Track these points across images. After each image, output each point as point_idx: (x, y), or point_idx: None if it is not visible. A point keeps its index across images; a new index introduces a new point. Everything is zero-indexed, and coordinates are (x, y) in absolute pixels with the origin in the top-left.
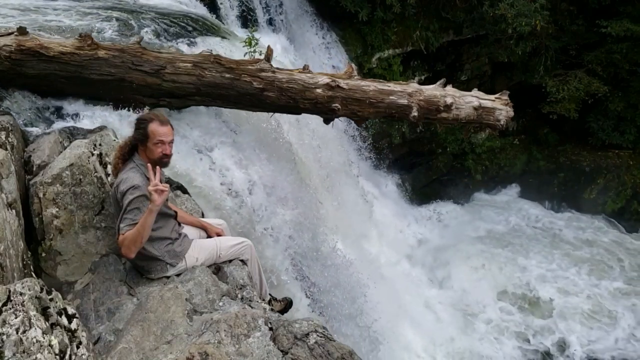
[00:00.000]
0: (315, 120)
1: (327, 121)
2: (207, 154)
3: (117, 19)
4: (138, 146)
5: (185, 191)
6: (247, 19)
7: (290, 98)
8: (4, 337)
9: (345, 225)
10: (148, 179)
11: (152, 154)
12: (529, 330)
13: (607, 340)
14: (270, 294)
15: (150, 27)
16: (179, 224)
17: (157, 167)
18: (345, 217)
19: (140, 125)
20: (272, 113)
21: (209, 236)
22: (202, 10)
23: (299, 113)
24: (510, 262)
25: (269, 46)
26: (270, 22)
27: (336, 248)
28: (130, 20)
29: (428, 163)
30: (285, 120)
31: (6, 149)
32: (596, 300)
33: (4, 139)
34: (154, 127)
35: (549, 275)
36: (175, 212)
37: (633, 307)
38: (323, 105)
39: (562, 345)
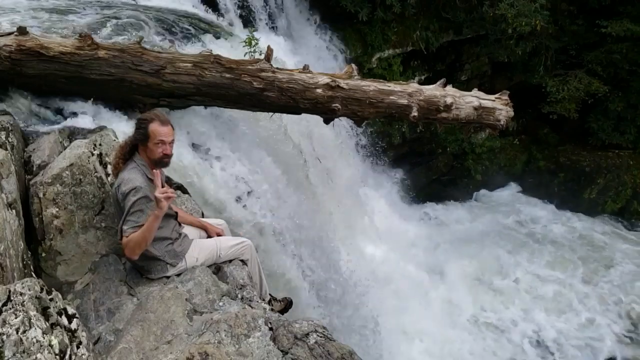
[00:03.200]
0: (315, 119)
1: (327, 121)
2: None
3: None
4: (138, 146)
5: (185, 191)
6: (247, 19)
7: (290, 98)
8: (4, 337)
9: (345, 225)
10: (149, 179)
11: (153, 154)
12: (508, 324)
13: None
14: (270, 294)
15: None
16: (179, 224)
17: (159, 172)
18: (345, 216)
19: (141, 125)
20: (272, 113)
21: (209, 236)
22: (202, 10)
23: (299, 113)
24: (505, 262)
25: (268, 46)
26: (270, 22)
27: (336, 246)
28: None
29: (428, 163)
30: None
31: (6, 149)
32: (580, 300)
33: (4, 139)
34: (154, 127)
35: (539, 274)
36: (176, 212)
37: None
38: (323, 105)
39: (537, 340)
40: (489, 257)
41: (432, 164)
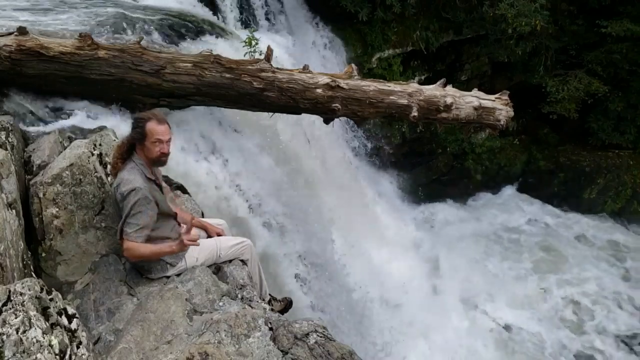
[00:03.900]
0: (315, 119)
1: (327, 121)
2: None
3: None
4: (136, 145)
5: (185, 191)
6: (247, 19)
7: (290, 98)
8: (4, 337)
9: (345, 226)
10: (148, 178)
11: (151, 153)
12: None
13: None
14: (270, 294)
15: None
16: (179, 224)
17: (192, 221)
18: (345, 217)
19: (138, 124)
20: (272, 113)
21: (209, 236)
22: (202, 10)
23: (299, 113)
24: (503, 263)
25: (268, 46)
26: (270, 22)
27: (336, 248)
28: None
29: (428, 163)
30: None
31: (6, 149)
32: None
33: (4, 139)
34: (151, 126)
35: (537, 276)
36: (175, 212)
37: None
38: (323, 105)
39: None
40: (489, 258)
41: (432, 164)
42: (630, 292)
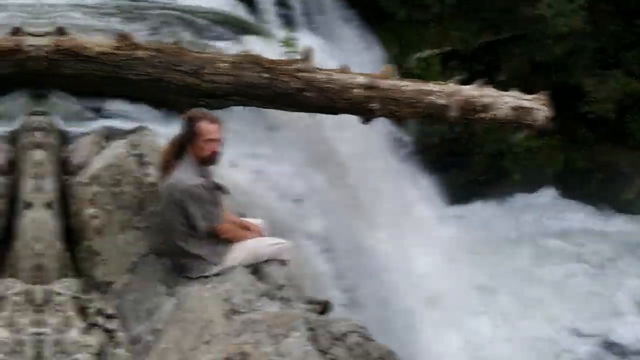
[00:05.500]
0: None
1: (365, 121)
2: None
3: None
4: (187, 145)
5: (224, 191)
6: (285, 19)
7: (328, 98)
8: (43, 337)
9: (385, 226)
10: (201, 176)
11: (202, 152)
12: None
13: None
14: (309, 296)
15: None
16: None
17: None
18: (384, 217)
19: (189, 124)
20: (309, 113)
21: None
22: (239, 10)
23: (336, 113)
24: (543, 266)
25: (308, 46)
26: (308, 22)
27: (374, 247)
28: None
29: (466, 163)
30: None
31: (45, 150)
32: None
33: (43, 139)
34: (203, 125)
35: (571, 279)
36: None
37: None
38: (361, 105)
39: None
40: (528, 260)
41: (470, 165)
42: None
